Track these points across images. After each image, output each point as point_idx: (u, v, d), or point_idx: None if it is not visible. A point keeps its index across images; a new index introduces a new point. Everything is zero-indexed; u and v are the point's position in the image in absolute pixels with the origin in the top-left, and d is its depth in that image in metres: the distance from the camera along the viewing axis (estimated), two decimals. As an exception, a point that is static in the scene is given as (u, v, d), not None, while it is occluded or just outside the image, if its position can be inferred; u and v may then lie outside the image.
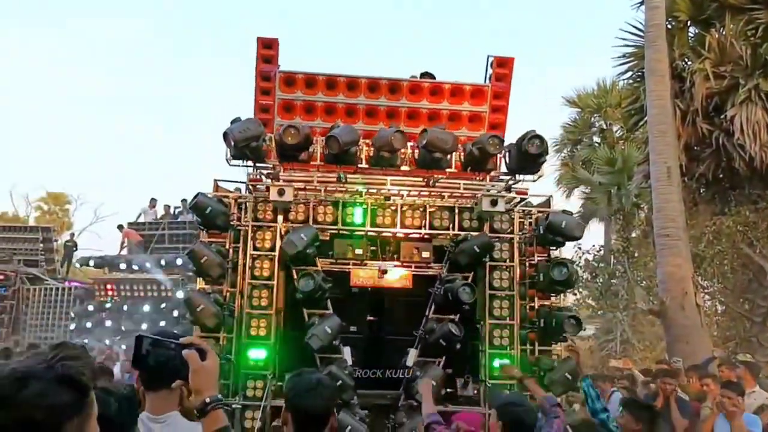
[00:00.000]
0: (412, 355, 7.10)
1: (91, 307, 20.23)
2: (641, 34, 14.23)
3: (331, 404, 3.00)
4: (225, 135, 7.08)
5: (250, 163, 7.52)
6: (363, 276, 7.47)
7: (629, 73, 15.38)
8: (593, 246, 21.95)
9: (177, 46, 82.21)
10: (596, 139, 23.44)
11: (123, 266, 19.87)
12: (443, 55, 78.96)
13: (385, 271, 7.45)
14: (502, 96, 8.16)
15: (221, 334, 7.18)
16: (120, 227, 21.61)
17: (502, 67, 8.10)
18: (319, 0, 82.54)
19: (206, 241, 7.48)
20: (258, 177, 7.71)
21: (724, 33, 13.87)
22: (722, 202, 15.24)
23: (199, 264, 7.15)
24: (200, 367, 2.05)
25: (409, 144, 7.50)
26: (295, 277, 7.08)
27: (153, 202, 22.15)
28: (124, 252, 21.02)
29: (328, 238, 7.42)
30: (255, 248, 7.34)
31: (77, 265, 23.45)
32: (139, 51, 77.70)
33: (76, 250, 25.71)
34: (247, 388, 6.99)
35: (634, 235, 20.39)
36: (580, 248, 21.59)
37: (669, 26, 13.56)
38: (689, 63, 13.97)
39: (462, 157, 7.67)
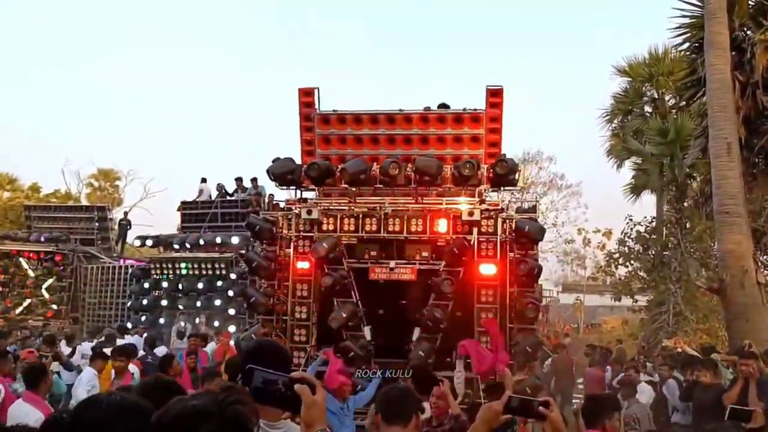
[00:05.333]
0: (416, 332, 9.09)
1: (147, 285, 20.75)
2: (699, 4, 13.80)
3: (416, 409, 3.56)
4: (267, 171, 9.78)
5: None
6: (378, 271, 9.46)
7: (686, 44, 14.92)
8: (645, 217, 21.72)
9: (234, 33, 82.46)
10: (648, 109, 22.84)
11: (177, 245, 20.30)
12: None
13: (392, 268, 9.35)
14: (497, 119, 9.79)
15: (272, 317, 9.73)
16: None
17: (495, 96, 9.67)
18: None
19: (260, 249, 10.35)
20: (296, 199, 10.01)
21: (786, 2, 13.36)
22: (782, 176, 14.86)
23: (251, 267, 10.15)
24: (313, 402, 2.11)
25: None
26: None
27: (202, 180, 22.43)
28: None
29: (355, 242, 9.60)
30: (298, 252, 9.60)
31: (137, 243, 23.91)
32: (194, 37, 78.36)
33: (130, 228, 26.37)
34: (293, 357, 9.03)
35: (686, 205, 20.01)
36: (631, 220, 21.44)
37: (729, -5, 13.10)
38: (749, 34, 13.49)
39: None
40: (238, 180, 21.44)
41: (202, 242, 19.69)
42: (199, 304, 19.11)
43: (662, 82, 21.64)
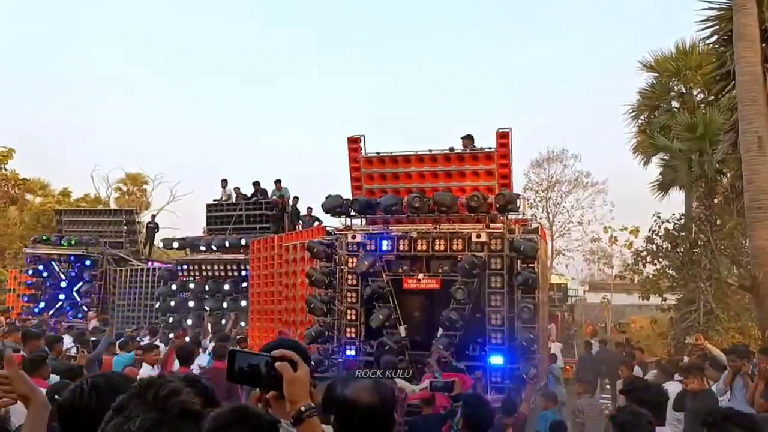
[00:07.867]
0: (440, 331, 11.14)
1: (174, 287, 20.94)
2: (727, -5, 13.57)
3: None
4: (322, 206, 12.48)
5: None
6: (410, 282, 11.80)
7: (714, 37, 14.65)
8: (673, 215, 21.34)
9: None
10: (675, 104, 22.28)
11: (203, 247, 20.46)
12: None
13: (420, 279, 11.71)
14: (506, 156, 11.80)
15: (327, 318, 12.37)
16: None
17: (504, 138, 11.68)
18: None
19: (316, 266, 12.84)
20: (344, 226, 12.58)
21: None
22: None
23: (311, 280, 12.61)
24: (294, 378, 2.12)
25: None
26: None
27: (223, 183, 22.68)
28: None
29: (392, 258, 11.98)
30: (348, 268, 12.08)
31: (160, 245, 24.20)
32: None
33: (158, 231, 26.58)
34: (346, 350, 11.93)
35: (716, 201, 19.63)
36: (659, 217, 21.05)
37: (757, -14, 12.84)
38: (779, 25, 13.22)
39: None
40: (256, 184, 21.54)
41: (227, 244, 19.85)
42: (225, 305, 19.25)
43: (690, 76, 21.14)
